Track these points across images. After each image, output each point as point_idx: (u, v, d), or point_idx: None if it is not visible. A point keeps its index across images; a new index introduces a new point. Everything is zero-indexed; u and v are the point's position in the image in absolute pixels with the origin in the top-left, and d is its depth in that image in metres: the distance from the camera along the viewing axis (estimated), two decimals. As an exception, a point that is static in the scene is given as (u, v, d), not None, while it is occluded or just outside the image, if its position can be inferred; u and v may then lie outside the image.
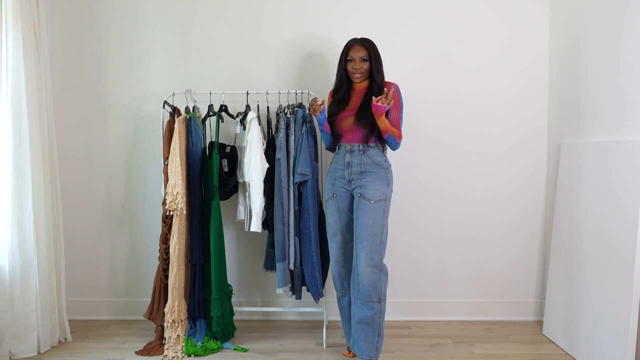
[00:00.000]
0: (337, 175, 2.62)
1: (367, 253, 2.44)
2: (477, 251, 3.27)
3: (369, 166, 2.54)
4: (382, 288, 2.47)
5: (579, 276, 2.69)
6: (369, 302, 2.45)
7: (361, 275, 2.44)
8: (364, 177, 2.53)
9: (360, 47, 2.56)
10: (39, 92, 2.78)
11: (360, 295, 2.46)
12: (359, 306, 2.48)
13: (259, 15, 3.25)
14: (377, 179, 2.52)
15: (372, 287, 2.44)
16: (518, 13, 3.21)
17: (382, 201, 2.49)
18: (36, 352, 2.73)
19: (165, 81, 3.25)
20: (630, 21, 2.40)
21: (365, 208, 2.47)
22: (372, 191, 2.49)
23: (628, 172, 2.34)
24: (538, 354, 2.74)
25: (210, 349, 2.76)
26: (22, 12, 2.65)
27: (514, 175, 3.25)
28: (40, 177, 2.76)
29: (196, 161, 2.82)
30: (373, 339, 2.48)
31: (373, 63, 2.55)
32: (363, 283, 2.44)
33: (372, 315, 2.46)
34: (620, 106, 2.48)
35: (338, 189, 2.62)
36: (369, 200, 2.48)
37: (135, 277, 3.32)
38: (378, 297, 2.46)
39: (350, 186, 2.58)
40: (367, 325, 2.47)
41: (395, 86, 2.56)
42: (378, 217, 2.47)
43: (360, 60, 2.55)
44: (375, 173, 2.53)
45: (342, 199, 2.61)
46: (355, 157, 2.55)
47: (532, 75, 3.22)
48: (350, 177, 2.57)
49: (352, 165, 2.56)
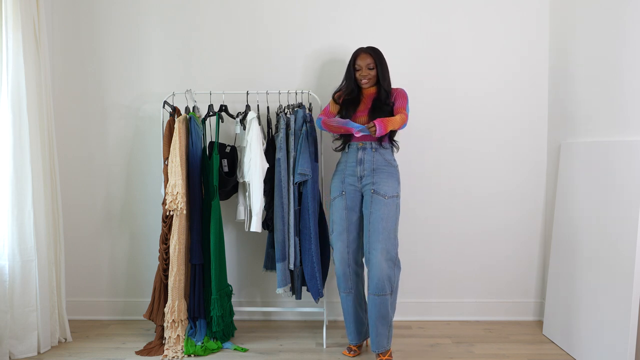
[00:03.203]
0: (347, 172, 2.66)
1: (383, 247, 2.50)
2: (477, 251, 3.27)
3: (381, 163, 2.61)
4: (395, 281, 2.56)
5: (579, 276, 2.69)
6: (382, 295, 2.50)
7: (377, 268, 2.49)
8: (377, 174, 2.60)
9: (367, 55, 2.66)
10: (39, 92, 2.78)
11: (373, 290, 2.51)
12: (373, 301, 2.52)
13: (259, 15, 3.25)
14: (390, 177, 2.60)
15: (387, 280, 2.50)
16: (518, 13, 3.21)
17: (394, 197, 2.58)
18: (36, 352, 2.73)
19: (165, 81, 3.25)
20: (630, 21, 2.40)
21: (380, 203, 2.55)
22: (385, 187, 2.57)
23: (628, 172, 2.34)
24: (538, 354, 2.74)
25: (210, 349, 2.76)
26: (22, 12, 2.66)
27: (514, 175, 3.25)
28: (40, 177, 2.76)
29: (196, 161, 2.82)
30: (385, 330, 2.57)
31: (379, 70, 2.65)
32: (378, 276, 2.49)
33: (386, 308, 2.53)
34: (620, 106, 2.48)
35: (347, 187, 2.66)
36: (383, 195, 2.56)
37: (135, 277, 3.32)
38: (390, 290, 2.53)
39: (360, 183, 2.63)
40: (383, 319, 2.55)
41: (400, 90, 2.69)
42: (392, 213, 2.56)
43: (367, 68, 2.65)
44: (387, 171, 2.61)
45: (351, 197, 2.65)
46: (368, 154, 2.62)
47: (532, 75, 3.22)
48: (362, 174, 2.62)
49: (365, 162, 2.62)
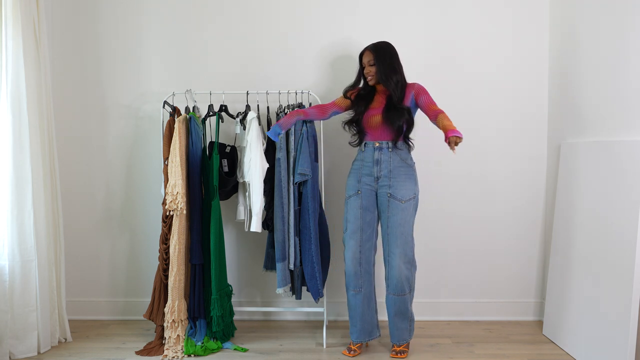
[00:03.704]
0: (363, 172, 2.68)
1: (402, 251, 2.59)
2: (477, 251, 3.27)
3: (398, 164, 2.64)
4: (413, 281, 2.67)
5: (579, 276, 2.69)
6: (402, 295, 2.62)
7: (396, 271, 2.60)
8: (393, 176, 2.62)
9: (368, 52, 2.69)
10: (39, 92, 2.78)
11: (393, 290, 2.62)
12: (392, 300, 2.64)
13: (259, 15, 3.25)
14: (407, 178, 2.64)
15: (405, 281, 2.61)
16: (518, 13, 3.21)
17: (411, 199, 2.62)
18: (36, 352, 2.73)
19: (165, 81, 3.25)
20: (630, 21, 2.40)
21: (397, 208, 2.60)
22: (402, 190, 2.61)
23: (628, 172, 2.34)
24: (538, 354, 2.74)
25: (210, 349, 2.76)
26: (22, 12, 2.65)
27: (514, 174, 3.25)
28: (40, 177, 2.76)
29: (196, 161, 2.82)
30: (406, 325, 2.69)
31: (379, 67, 2.65)
32: (398, 278, 2.60)
33: (405, 305, 2.65)
34: (620, 106, 2.48)
35: (363, 186, 2.67)
36: (399, 200, 2.60)
37: (135, 277, 3.32)
38: (409, 289, 2.65)
39: (377, 184, 2.65)
40: (402, 315, 2.66)
41: (418, 86, 2.71)
42: (409, 216, 2.62)
43: (369, 65, 2.68)
44: (404, 172, 2.64)
45: (367, 196, 2.67)
46: (385, 154, 2.63)
47: (532, 75, 3.22)
48: (379, 175, 2.64)
49: (382, 162, 2.63)
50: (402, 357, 2.68)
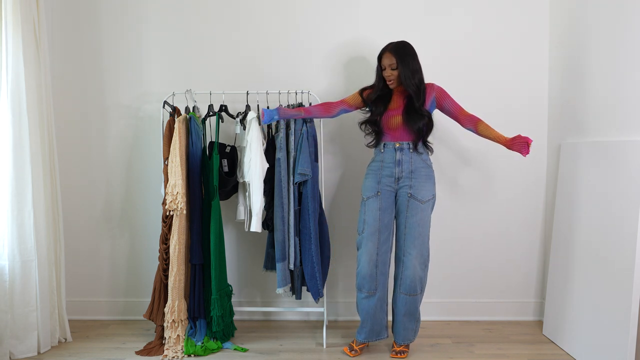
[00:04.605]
0: (384, 173, 2.66)
1: (419, 252, 2.61)
2: (477, 251, 3.27)
3: (419, 164, 2.64)
4: (425, 281, 2.68)
5: (579, 276, 2.69)
6: (414, 295, 2.63)
7: (410, 271, 2.61)
8: (415, 176, 2.62)
9: (389, 54, 2.61)
10: (39, 92, 2.78)
11: (405, 290, 2.63)
12: (403, 300, 2.64)
13: (259, 15, 3.25)
14: (427, 179, 2.64)
15: (418, 281, 2.62)
16: (518, 13, 3.21)
17: (430, 200, 2.64)
18: (36, 352, 2.73)
19: (165, 81, 3.25)
20: (630, 21, 2.40)
21: (417, 209, 2.61)
22: (423, 191, 2.62)
23: (628, 172, 2.34)
24: (538, 354, 2.74)
25: (210, 349, 2.76)
26: (22, 12, 2.65)
27: (514, 175, 3.25)
28: (40, 177, 2.76)
29: (196, 161, 2.82)
30: (413, 325, 2.71)
31: (401, 70, 2.59)
32: (411, 278, 2.61)
33: (415, 306, 2.66)
34: (620, 106, 2.48)
35: (383, 187, 2.66)
36: (420, 201, 2.60)
37: (135, 277, 3.32)
38: (421, 290, 2.66)
39: (397, 185, 2.65)
40: (411, 315, 2.67)
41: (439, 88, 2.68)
42: (427, 217, 2.63)
43: (390, 68, 2.62)
44: (425, 173, 2.65)
45: (387, 197, 2.66)
46: (406, 155, 2.63)
47: (532, 75, 3.22)
48: (400, 175, 2.63)
49: (403, 163, 2.63)
50: (402, 357, 2.68)
